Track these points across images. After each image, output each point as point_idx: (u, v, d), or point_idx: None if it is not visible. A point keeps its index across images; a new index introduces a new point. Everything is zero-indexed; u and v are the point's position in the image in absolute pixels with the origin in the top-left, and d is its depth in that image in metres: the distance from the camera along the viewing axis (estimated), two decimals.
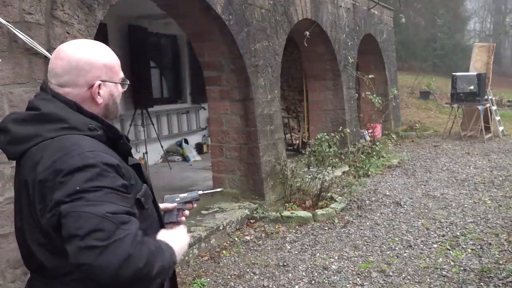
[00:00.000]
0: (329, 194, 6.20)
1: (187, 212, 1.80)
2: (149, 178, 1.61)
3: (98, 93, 1.43)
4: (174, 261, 1.36)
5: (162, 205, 1.74)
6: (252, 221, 5.53)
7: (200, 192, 1.84)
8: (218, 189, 2.08)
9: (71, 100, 1.40)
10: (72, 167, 1.24)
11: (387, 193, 6.65)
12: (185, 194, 1.80)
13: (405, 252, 4.52)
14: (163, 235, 1.45)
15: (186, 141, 9.49)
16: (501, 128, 11.70)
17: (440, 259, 4.32)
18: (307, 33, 7.51)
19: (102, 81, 1.43)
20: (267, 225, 5.40)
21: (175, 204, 1.76)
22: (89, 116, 1.40)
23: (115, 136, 1.43)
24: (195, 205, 1.84)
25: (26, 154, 1.35)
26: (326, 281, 3.97)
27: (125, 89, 1.55)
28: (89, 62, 1.41)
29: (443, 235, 4.92)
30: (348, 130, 7.56)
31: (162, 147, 8.41)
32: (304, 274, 4.13)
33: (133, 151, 1.78)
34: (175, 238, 1.46)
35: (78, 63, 1.40)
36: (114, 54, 1.50)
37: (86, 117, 1.39)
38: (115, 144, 1.43)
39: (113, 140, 1.43)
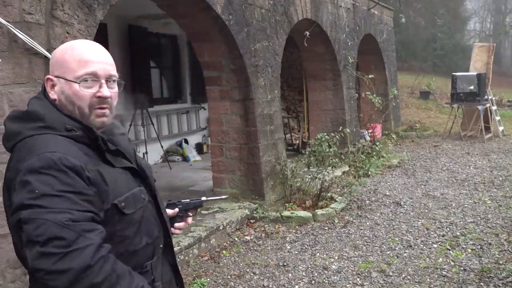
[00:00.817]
0: (329, 194, 6.20)
1: (189, 219, 1.76)
2: (152, 180, 1.57)
3: (53, 87, 1.42)
4: None
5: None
6: (252, 221, 5.53)
7: (204, 198, 1.79)
8: (223, 197, 2.02)
9: (53, 100, 1.41)
10: (30, 168, 1.23)
11: (387, 193, 6.65)
12: (188, 200, 1.75)
13: (405, 252, 4.52)
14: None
15: (186, 141, 9.49)
16: (501, 128, 11.70)
17: (440, 259, 4.32)
18: (307, 33, 7.51)
19: (54, 76, 1.41)
20: (267, 225, 5.40)
21: (176, 210, 1.73)
22: (67, 116, 1.37)
23: (90, 138, 1.38)
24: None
25: (13, 150, 1.37)
26: (326, 281, 3.97)
27: (92, 91, 1.39)
28: (52, 57, 1.45)
29: (443, 235, 4.92)
30: (348, 130, 7.56)
31: (162, 147, 8.41)
32: (304, 274, 4.13)
33: None
34: None
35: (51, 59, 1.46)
36: (81, 50, 1.40)
37: (65, 117, 1.37)
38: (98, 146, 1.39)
39: (95, 142, 1.38)
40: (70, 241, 1.17)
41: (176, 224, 1.73)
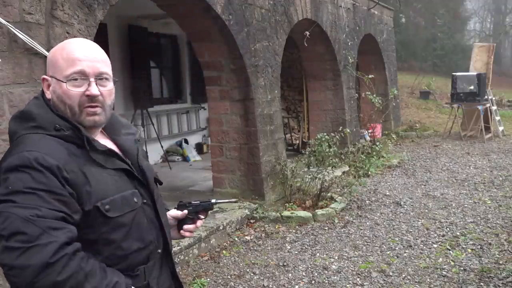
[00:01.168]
0: (329, 194, 6.20)
1: (199, 222, 1.70)
2: (152, 183, 1.54)
3: (49, 87, 1.42)
4: None
5: (172, 212, 1.68)
6: (252, 221, 5.53)
7: (214, 200, 1.73)
8: (233, 200, 1.94)
9: (48, 99, 1.42)
10: (8, 166, 1.25)
11: (387, 193, 6.65)
12: (198, 202, 1.70)
13: (405, 252, 4.52)
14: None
15: (186, 141, 9.49)
16: (501, 128, 11.70)
17: (440, 259, 4.32)
18: (307, 33, 7.51)
19: (49, 76, 1.42)
20: (267, 225, 5.40)
21: (185, 212, 1.68)
22: (59, 116, 1.37)
23: (77, 137, 1.36)
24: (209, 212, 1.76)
25: None
26: (326, 281, 3.97)
27: (80, 90, 1.37)
28: (48, 56, 1.46)
29: (443, 235, 4.92)
30: (348, 130, 7.56)
31: (162, 147, 8.41)
32: (304, 274, 4.13)
33: None
34: None
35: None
36: (71, 48, 1.39)
37: (56, 117, 1.37)
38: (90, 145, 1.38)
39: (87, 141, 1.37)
40: (32, 236, 1.16)
41: (185, 227, 1.68)
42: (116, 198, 1.36)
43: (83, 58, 1.37)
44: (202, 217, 1.70)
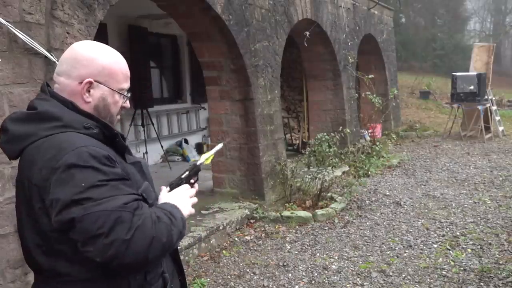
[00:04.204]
0: (329, 194, 6.20)
1: (196, 186, 1.68)
2: (151, 177, 1.60)
3: (88, 91, 1.42)
4: (184, 221, 1.41)
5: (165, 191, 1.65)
6: (252, 221, 5.53)
7: (199, 162, 1.70)
8: (219, 146, 1.84)
9: (67, 99, 1.40)
10: (68, 163, 1.24)
11: (387, 193, 6.65)
12: (187, 173, 1.65)
13: (405, 252, 4.52)
14: (166, 196, 1.49)
15: (186, 141, 9.49)
16: (501, 128, 11.70)
17: (440, 259, 4.32)
18: (307, 33, 7.51)
19: (96, 81, 1.42)
20: (267, 225, 5.40)
21: (184, 185, 1.63)
22: (84, 115, 1.40)
23: (110, 135, 1.43)
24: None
25: (23, 153, 1.36)
26: (326, 281, 3.97)
27: (124, 103, 1.51)
28: (89, 58, 1.42)
29: (443, 235, 4.92)
30: (348, 130, 7.56)
31: (162, 147, 8.41)
32: (304, 274, 4.13)
33: (133, 151, 1.75)
34: (178, 197, 1.50)
35: (79, 56, 1.42)
36: (124, 64, 1.49)
37: (81, 116, 1.39)
38: (113, 143, 1.44)
39: (110, 139, 1.43)
40: (130, 222, 1.22)
41: None
42: (145, 187, 1.44)
43: (129, 76, 1.52)
44: (193, 181, 1.67)
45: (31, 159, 1.32)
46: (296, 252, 4.62)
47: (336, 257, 4.46)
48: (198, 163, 1.70)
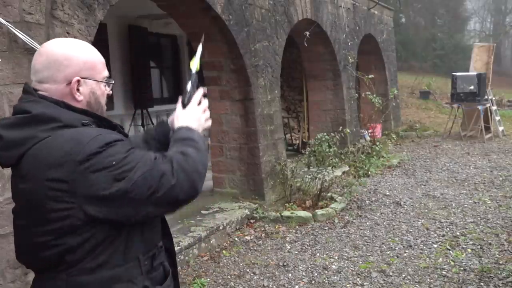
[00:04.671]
0: (329, 194, 6.20)
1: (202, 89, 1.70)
2: None
3: (78, 89, 1.41)
4: (203, 139, 1.53)
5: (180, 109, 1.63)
6: (252, 221, 5.53)
7: (194, 72, 1.68)
8: (199, 48, 1.76)
9: (58, 99, 1.38)
10: (93, 151, 1.26)
11: (387, 193, 6.65)
12: (189, 85, 1.64)
13: (405, 252, 4.52)
14: (181, 118, 1.56)
15: None
16: (501, 128, 11.70)
17: (440, 259, 4.32)
18: (307, 33, 7.51)
19: (81, 77, 1.41)
20: (267, 225, 5.40)
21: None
22: (79, 112, 1.39)
23: (110, 126, 1.45)
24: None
25: (23, 158, 1.32)
26: (326, 281, 3.97)
27: (110, 89, 1.52)
28: (68, 57, 1.40)
29: (443, 235, 4.92)
30: (348, 130, 7.56)
31: None
32: (304, 274, 4.13)
33: None
34: (191, 115, 1.57)
35: (57, 58, 1.39)
36: (97, 52, 1.48)
37: (77, 113, 1.38)
38: None
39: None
40: (170, 169, 1.32)
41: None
42: None
43: (105, 62, 1.51)
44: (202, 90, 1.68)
45: (38, 160, 1.29)
46: (296, 252, 4.62)
47: (336, 257, 4.46)
48: (193, 72, 1.70)
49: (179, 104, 1.61)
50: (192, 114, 1.58)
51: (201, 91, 1.65)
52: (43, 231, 1.32)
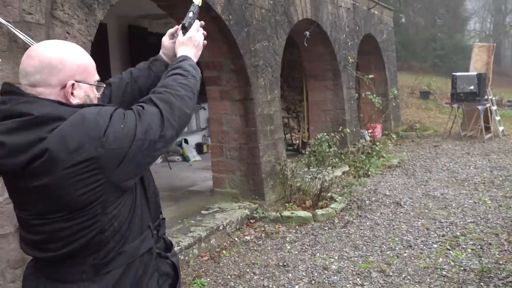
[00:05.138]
0: (329, 194, 6.20)
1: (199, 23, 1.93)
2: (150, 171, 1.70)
3: (72, 93, 1.40)
4: (196, 67, 1.69)
5: (181, 35, 1.84)
6: (252, 221, 5.53)
7: (196, 3, 1.92)
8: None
9: (53, 99, 1.36)
10: (105, 124, 1.32)
11: (387, 193, 6.65)
12: (191, 14, 1.88)
13: (405, 252, 4.52)
14: (182, 47, 1.78)
15: (186, 141, 9.49)
16: (501, 128, 11.70)
17: (440, 259, 4.32)
18: (307, 33, 7.51)
19: (76, 81, 1.40)
20: (267, 225, 5.40)
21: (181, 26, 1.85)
22: (77, 107, 1.37)
23: None
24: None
25: (33, 161, 1.28)
26: (326, 281, 3.97)
27: (100, 93, 1.55)
28: (62, 60, 1.38)
29: (443, 235, 4.92)
30: (348, 130, 7.56)
31: None
32: (304, 274, 4.13)
33: None
34: (188, 44, 1.81)
35: (51, 61, 1.36)
36: (88, 55, 1.48)
37: (75, 108, 1.37)
38: None
39: None
40: (170, 109, 1.48)
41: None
42: None
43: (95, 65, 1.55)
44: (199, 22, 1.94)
45: (53, 154, 1.27)
46: (296, 252, 4.62)
47: (336, 257, 4.46)
48: (195, 3, 1.90)
49: (180, 31, 1.82)
50: (192, 40, 1.81)
51: (202, 33, 1.91)
52: (70, 219, 1.34)
